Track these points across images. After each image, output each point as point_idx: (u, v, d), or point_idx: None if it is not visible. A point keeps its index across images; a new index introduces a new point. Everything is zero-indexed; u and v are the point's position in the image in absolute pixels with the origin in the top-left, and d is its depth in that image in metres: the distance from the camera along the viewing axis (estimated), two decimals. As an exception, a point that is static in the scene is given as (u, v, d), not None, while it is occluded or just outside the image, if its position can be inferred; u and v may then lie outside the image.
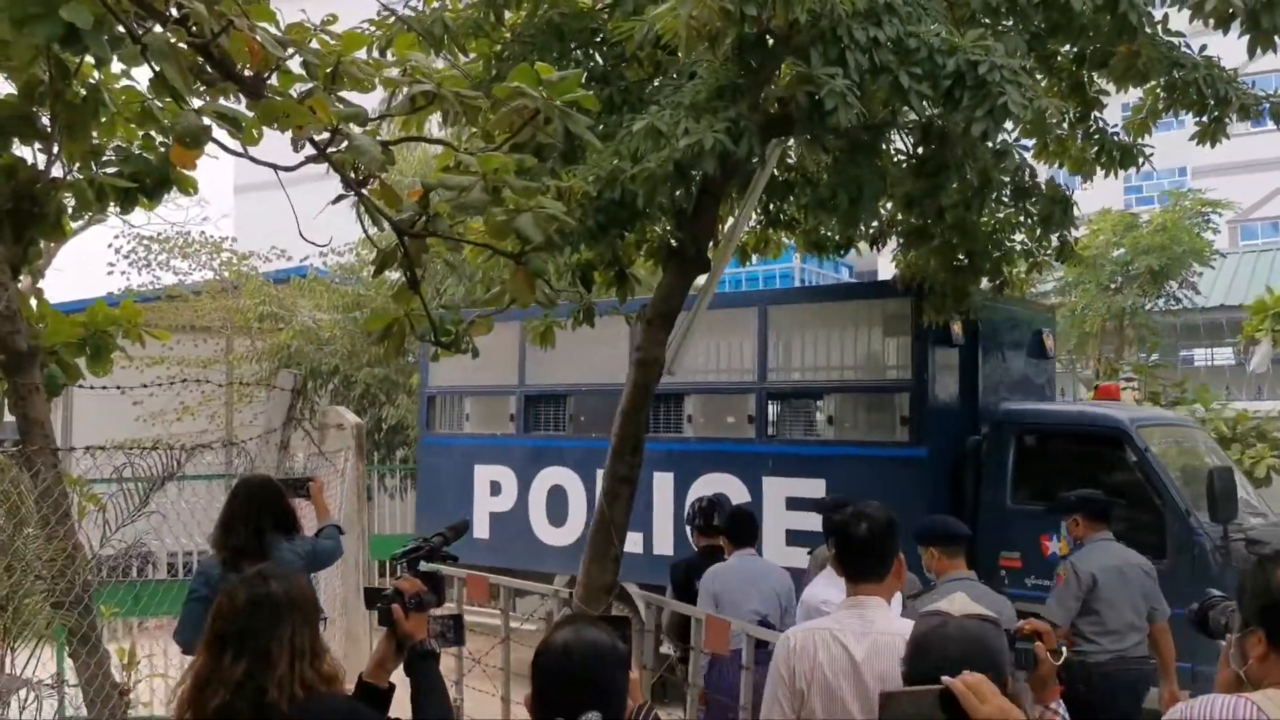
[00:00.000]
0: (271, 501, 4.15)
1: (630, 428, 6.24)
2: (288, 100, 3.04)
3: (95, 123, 4.43)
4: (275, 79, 3.41)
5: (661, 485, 8.62)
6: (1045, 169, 7.27)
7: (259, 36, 3.11)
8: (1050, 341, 8.84)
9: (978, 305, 7.46)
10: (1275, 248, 24.29)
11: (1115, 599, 5.38)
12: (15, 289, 4.12)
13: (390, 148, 3.42)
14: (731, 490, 7.85)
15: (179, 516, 5.16)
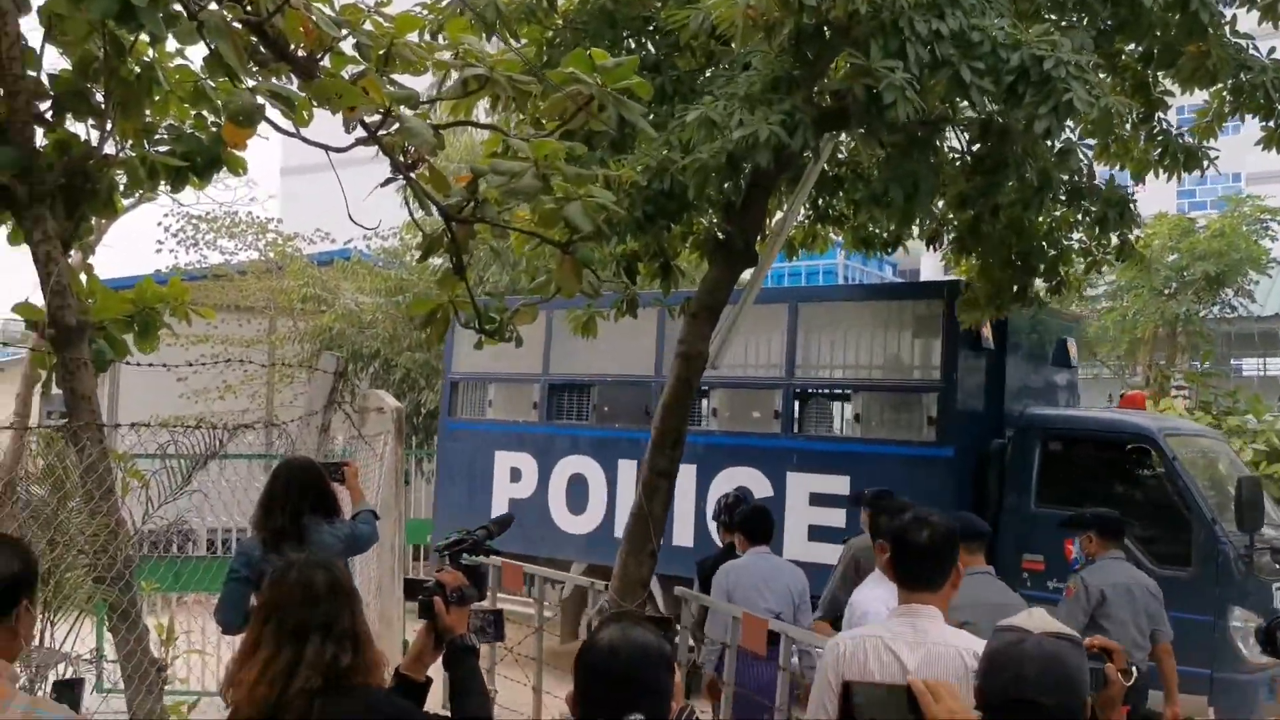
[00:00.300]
0: (312, 484, 4.13)
1: (672, 421, 6.18)
2: (341, 80, 3.01)
3: (148, 101, 4.42)
4: (328, 60, 3.39)
5: (684, 478, 8.61)
6: (1103, 170, 7.12)
7: (314, 16, 3.08)
8: (1074, 349, 8.95)
9: (1034, 304, 7.38)
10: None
11: (1122, 616, 5.44)
12: (65, 264, 4.13)
13: (440, 132, 3.38)
14: (755, 485, 7.96)
15: (219, 495, 5.18)
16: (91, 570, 3.85)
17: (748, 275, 6.73)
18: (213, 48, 2.77)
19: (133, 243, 19.09)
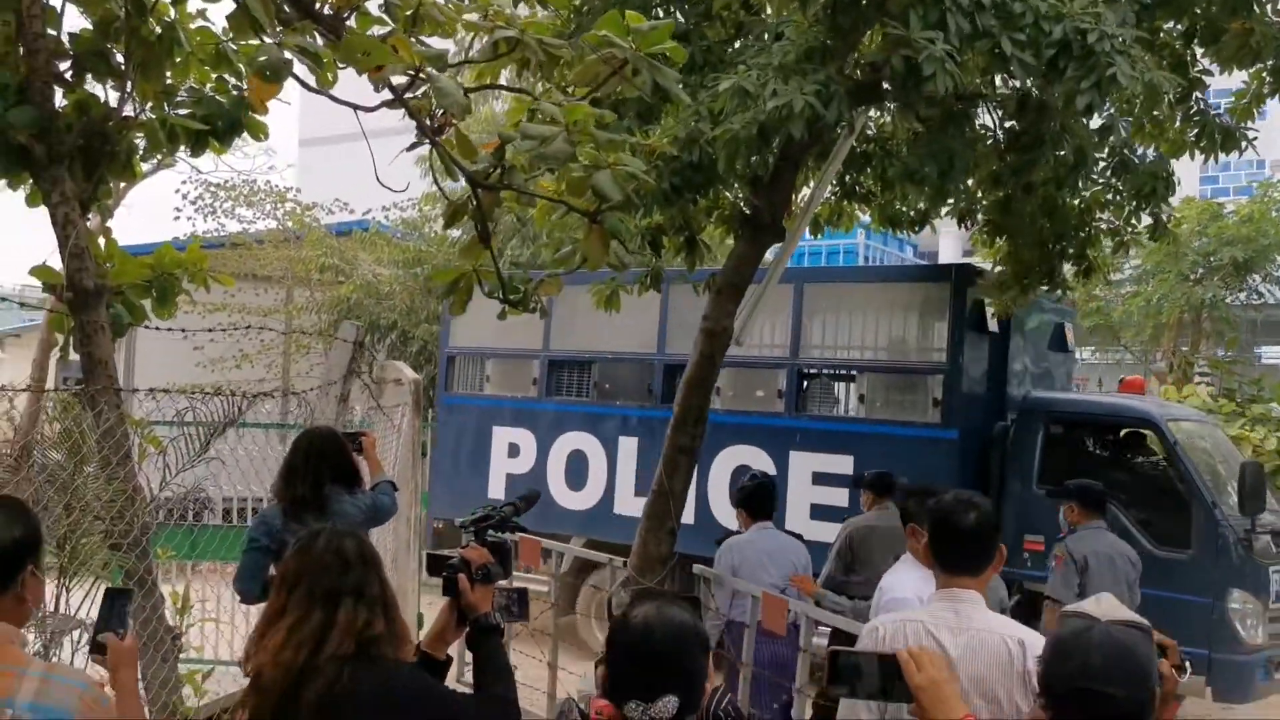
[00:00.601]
0: (333, 454, 4.06)
1: (695, 398, 6.10)
2: (369, 38, 2.92)
3: (169, 62, 4.35)
4: (354, 21, 3.30)
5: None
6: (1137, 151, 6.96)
7: (341, -29, 2.99)
8: (1071, 335, 9.03)
9: (1062, 287, 7.32)
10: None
11: (1103, 584, 5.48)
12: (84, 226, 4.06)
13: (469, 95, 3.29)
14: (758, 463, 7.97)
15: (237, 464, 5.12)
16: (109, 537, 3.80)
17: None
18: (240, 1, 2.67)
19: (150, 210, 19.08)
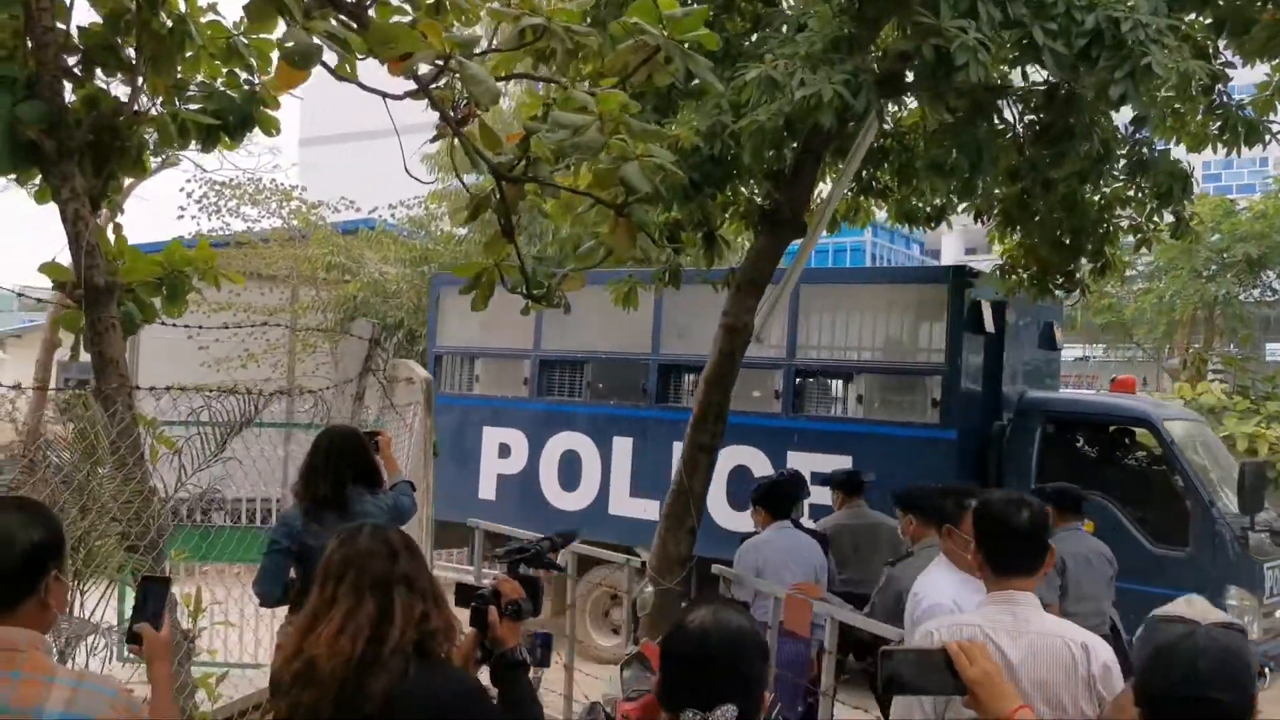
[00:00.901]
0: (354, 453, 3.98)
1: (715, 395, 6.01)
2: (397, 25, 2.83)
3: (180, 56, 4.26)
4: (374, 11, 3.21)
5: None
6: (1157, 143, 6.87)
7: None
8: (1059, 333, 9.08)
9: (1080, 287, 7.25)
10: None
11: (1081, 583, 5.55)
12: (94, 223, 3.98)
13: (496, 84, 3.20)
14: (755, 464, 7.97)
15: (254, 463, 5.04)
16: (125, 538, 3.71)
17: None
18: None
19: (154, 209, 18.97)
